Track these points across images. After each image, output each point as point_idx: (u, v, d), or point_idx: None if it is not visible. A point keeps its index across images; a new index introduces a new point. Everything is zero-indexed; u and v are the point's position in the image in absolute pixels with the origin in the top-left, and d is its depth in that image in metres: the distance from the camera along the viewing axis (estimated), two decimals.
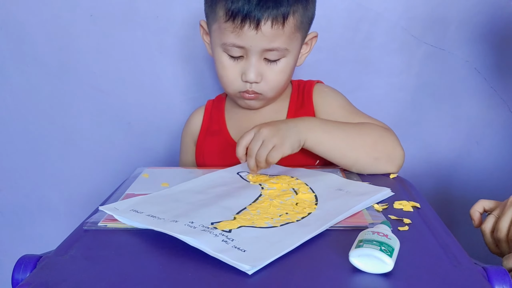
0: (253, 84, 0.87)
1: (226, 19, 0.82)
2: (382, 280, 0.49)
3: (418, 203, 0.68)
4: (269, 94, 0.90)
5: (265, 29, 0.81)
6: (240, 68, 0.87)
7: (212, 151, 1.00)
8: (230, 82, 0.89)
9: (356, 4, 1.15)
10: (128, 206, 0.67)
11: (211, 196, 0.70)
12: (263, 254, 0.52)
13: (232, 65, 0.87)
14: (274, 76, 0.87)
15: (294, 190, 0.72)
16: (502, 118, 1.21)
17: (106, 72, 1.21)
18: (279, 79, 0.88)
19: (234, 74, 0.87)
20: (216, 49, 0.88)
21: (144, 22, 1.17)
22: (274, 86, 0.89)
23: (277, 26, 0.82)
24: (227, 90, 0.92)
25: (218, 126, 1.01)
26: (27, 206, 1.30)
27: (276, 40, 0.83)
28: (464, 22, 1.16)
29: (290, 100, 0.98)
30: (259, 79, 0.86)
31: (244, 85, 0.88)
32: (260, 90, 0.88)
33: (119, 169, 1.23)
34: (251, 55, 0.84)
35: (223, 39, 0.84)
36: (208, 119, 1.03)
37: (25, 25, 1.18)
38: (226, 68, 0.88)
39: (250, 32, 0.81)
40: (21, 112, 1.24)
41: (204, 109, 1.05)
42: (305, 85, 0.99)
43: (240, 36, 0.82)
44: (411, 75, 1.20)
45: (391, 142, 0.85)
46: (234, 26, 0.81)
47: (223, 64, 0.88)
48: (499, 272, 0.51)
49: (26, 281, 0.51)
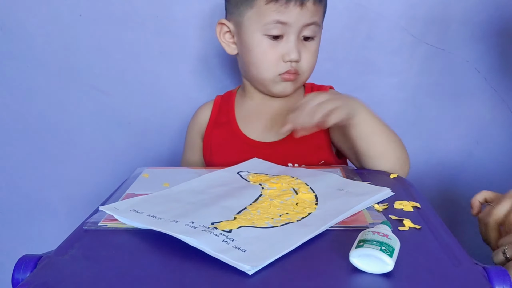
0: (294, 63, 0.91)
1: (267, 2, 0.87)
2: (382, 280, 0.49)
3: (418, 203, 0.68)
4: (305, 75, 0.94)
5: (309, 5, 0.88)
6: (280, 50, 0.90)
7: (220, 142, 1.01)
8: (272, 65, 0.91)
9: (356, 4, 1.15)
10: (129, 206, 0.67)
11: (212, 196, 0.70)
12: (263, 254, 0.52)
13: (272, 47, 0.90)
14: (310, 56, 0.93)
15: (294, 190, 0.72)
16: (502, 118, 1.21)
17: (106, 72, 1.21)
18: (313, 60, 0.94)
19: (275, 56, 0.90)
20: (253, 36, 0.91)
21: (144, 22, 1.17)
22: (310, 66, 0.94)
23: (318, 3, 0.89)
24: (265, 75, 0.93)
25: (227, 118, 1.02)
26: (27, 206, 1.30)
27: (316, 15, 0.90)
28: (464, 22, 1.16)
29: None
30: (299, 58, 0.91)
31: (285, 66, 0.91)
32: (299, 69, 0.92)
33: (119, 169, 1.23)
34: (291, 33, 0.89)
35: (264, 19, 0.88)
36: (216, 112, 1.04)
37: (25, 25, 1.18)
38: (267, 51, 0.90)
39: (295, 9, 0.87)
40: (21, 112, 1.24)
41: (213, 103, 1.06)
42: (318, 88, 1.01)
43: (284, 14, 0.87)
44: (411, 75, 1.20)
45: (405, 151, 0.87)
46: (278, 5, 0.87)
47: (263, 49, 0.90)
48: (499, 272, 0.51)
49: (26, 281, 0.51)
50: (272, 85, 0.94)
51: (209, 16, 1.17)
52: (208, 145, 1.03)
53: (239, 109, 1.02)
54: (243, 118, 1.01)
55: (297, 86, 0.96)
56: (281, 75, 0.92)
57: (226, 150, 0.99)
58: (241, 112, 1.02)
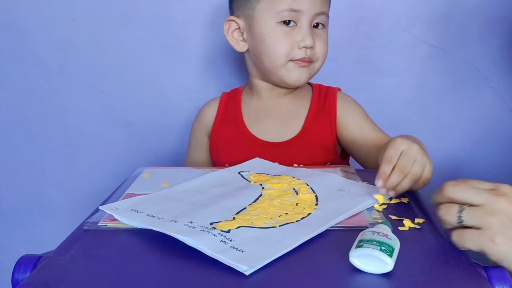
0: (309, 50, 0.92)
1: None
2: (382, 280, 0.49)
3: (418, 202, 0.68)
4: (319, 62, 0.95)
5: None
6: (294, 37, 0.91)
7: (227, 140, 1.01)
8: (287, 50, 0.92)
9: (356, 4, 1.15)
10: (128, 205, 0.67)
11: (212, 196, 0.70)
12: (261, 255, 0.52)
13: (286, 35, 0.91)
14: (322, 43, 0.94)
15: (295, 190, 0.72)
16: (502, 118, 1.21)
17: (106, 72, 1.21)
18: (325, 48, 0.96)
19: (290, 43, 0.91)
20: (266, 25, 0.92)
21: (144, 22, 1.17)
22: (323, 54, 0.95)
23: None
24: (279, 62, 0.93)
25: (234, 116, 1.02)
26: (27, 206, 1.30)
27: (325, 4, 0.93)
28: (464, 22, 1.16)
29: (312, 100, 0.99)
30: (314, 45, 0.92)
31: (300, 52, 0.92)
32: (313, 56, 0.93)
33: (119, 169, 1.24)
34: (304, 20, 0.91)
35: (277, 8, 0.90)
36: (223, 109, 1.04)
37: (25, 25, 1.18)
38: (281, 39, 0.91)
39: None
40: (21, 112, 1.24)
41: (219, 100, 1.06)
42: (327, 90, 1.01)
43: (296, 1, 0.89)
44: (411, 75, 1.20)
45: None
46: None
47: (277, 37, 0.91)
48: (499, 272, 0.51)
49: (26, 281, 0.51)
50: (286, 73, 0.94)
51: (209, 16, 1.17)
52: (215, 142, 1.02)
53: (246, 107, 1.02)
54: (250, 117, 1.01)
55: (311, 74, 0.96)
56: (296, 61, 0.92)
57: (233, 148, 0.99)
58: (248, 111, 1.02)
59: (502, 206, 0.52)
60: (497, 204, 0.52)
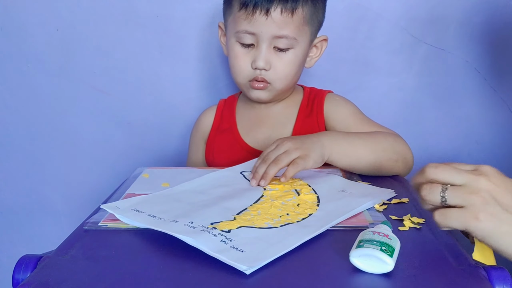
0: (262, 71, 0.91)
1: (240, 8, 0.88)
2: (382, 280, 0.49)
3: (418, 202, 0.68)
4: (277, 84, 0.93)
5: (275, 15, 0.87)
6: (251, 57, 0.91)
7: (222, 148, 1.02)
8: (241, 70, 0.92)
9: (356, 4, 1.15)
10: (130, 205, 0.67)
11: (213, 197, 0.70)
12: (261, 255, 0.52)
13: (243, 54, 0.92)
14: (283, 65, 0.91)
15: (297, 191, 0.72)
16: (502, 118, 1.21)
17: (106, 72, 1.21)
18: (287, 70, 0.92)
19: (245, 62, 0.92)
20: (230, 41, 0.93)
21: (144, 22, 1.17)
22: (282, 76, 0.92)
23: (286, 14, 0.88)
24: (238, 80, 0.95)
25: (229, 124, 1.03)
26: (27, 206, 1.30)
27: (286, 27, 0.88)
28: (464, 22, 1.16)
29: (300, 106, 1.00)
30: (268, 67, 0.90)
31: (253, 73, 0.92)
32: (269, 78, 0.92)
33: (119, 169, 1.23)
34: (262, 42, 0.89)
35: (236, 27, 0.90)
36: (219, 117, 1.06)
37: (25, 25, 1.18)
38: (238, 57, 0.92)
39: (261, 18, 0.87)
40: (21, 112, 1.24)
41: (216, 108, 1.07)
42: (316, 94, 1.01)
43: (251, 23, 0.88)
44: (411, 75, 1.20)
45: (404, 146, 0.87)
46: (246, 13, 0.88)
47: (235, 54, 0.92)
48: (499, 272, 0.51)
49: (26, 281, 0.51)
50: (247, 90, 0.96)
51: (209, 16, 1.17)
52: (210, 150, 1.04)
53: (240, 115, 1.03)
54: (244, 126, 1.02)
55: (272, 94, 0.95)
56: (250, 82, 0.93)
57: (227, 157, 1.00)
58: (242, 119, 1.03)
59: (483, 184, 0.53)
60: (478, 183, 0.53)
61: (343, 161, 0.81)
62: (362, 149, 0.82)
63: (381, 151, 0.83)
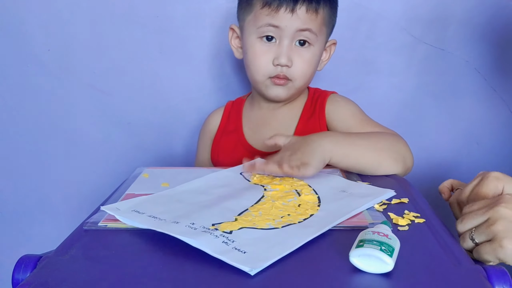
0: (284, 68, 0.91)
1: (262, 6, 0.89)
2: (382, 280, 0.49)
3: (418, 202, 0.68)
4: (297, 82, 0.94)
5: (300, 12, 0.89)
6: (272, 54, 0.91)
7: (226, 149, 1.03)
8: (261, 67, 0.93)
9: (356, 4, 1.15)
10: (130, 206, 0.67)
11: (214, 197, 0.70)
12: (263, 256, 0.52)
13: (264, 51, 0.92)
14: (303, 63, 0.93)
15: (297, 191, 0.72)
16: (502, 118, 1.21)
17: (106, 72, 1.21)
18: (306, 68, 0.93)
19: (266, 59, 0.92)
20: (249, 39, 0.93)
21: (144, 22, 1.17)
22: (301, 73, 0.93)
23: (311, 12, 0.90)
24: (257, 78, 0.95)
25: (235, 126, 1.04)
26: (27, 206, 1.30)
27: (309, 23, 0.90)
28: (464, 22, 1.16)
29: (304, 107, 1.00)
30: (290, 63, 0.91)
31: (274, 70, 0.92)
32: (290, 75, 0.93)
33: (119, 169, 1.23)
34: (284, 37, 0.90)
35: (258, 23, 0.91)
36: (226, 119, 1.07)
37: (25, 25, 1.18)
38: (259, 54, 0.92)
39: (286, 14, 0.89)
40: (21, 112, 1.24)
41: (224, 109, 1.09)
42: (319, 95, 1.01)
43: (275, 18, 0.89)
44: (411, 75, 1.20)
45: (403, 146, 0.87)
46: (270, 10, 0.89)
47: (255, 51, 0.93)
48: (499, 272, 0.51)
49: (26, 281, 0.51)
50: (265, 88, 0.96)
51: (209, 16, 1.17)
52: (215, 151, 1.05)
53: (246, 117, 1.04)
54: (250, 128, 1.03)
55: (291, 92, 0.96)
56: (271, 78, 0.93)
57: (232, 158, 0.99)
58: (248, 121, 1.04)
59: (502, 212, 0.57)
60: (497, 213, 0.57)
61: (343, 162, 0.81)
62: (362, 149, 0.83)
63: (381, 151, 0.84)
